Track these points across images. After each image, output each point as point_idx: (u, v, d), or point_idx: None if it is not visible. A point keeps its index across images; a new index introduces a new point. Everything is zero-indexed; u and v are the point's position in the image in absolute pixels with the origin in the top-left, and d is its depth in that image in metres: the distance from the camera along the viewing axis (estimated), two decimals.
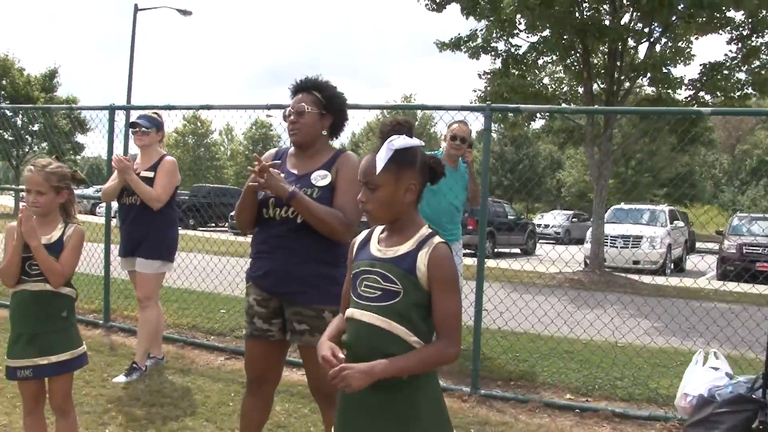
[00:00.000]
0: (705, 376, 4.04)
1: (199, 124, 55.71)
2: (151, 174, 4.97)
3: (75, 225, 3.19)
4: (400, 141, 2.10)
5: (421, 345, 2.03)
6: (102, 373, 4.99)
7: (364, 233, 2.27)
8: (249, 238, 3.27)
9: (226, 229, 24.26)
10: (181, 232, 5.63)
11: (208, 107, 6.36)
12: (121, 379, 4.85)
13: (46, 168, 3.12)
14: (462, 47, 14.73)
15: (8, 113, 27.36)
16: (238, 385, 4.93)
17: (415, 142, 2.13)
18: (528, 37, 14.50)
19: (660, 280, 12.57)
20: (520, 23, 14.01)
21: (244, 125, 57.70)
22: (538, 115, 15.71)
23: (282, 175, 2.96)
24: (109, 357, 5.55)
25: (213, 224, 25.82)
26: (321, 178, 3.03)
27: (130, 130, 5.28)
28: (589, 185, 32.87)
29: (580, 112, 13.65)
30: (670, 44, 13.71)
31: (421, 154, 2.16)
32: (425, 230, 2.12)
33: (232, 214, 18.11)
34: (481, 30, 14.58)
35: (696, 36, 13.59)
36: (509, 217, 22.50)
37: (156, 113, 5.33)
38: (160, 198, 4.93)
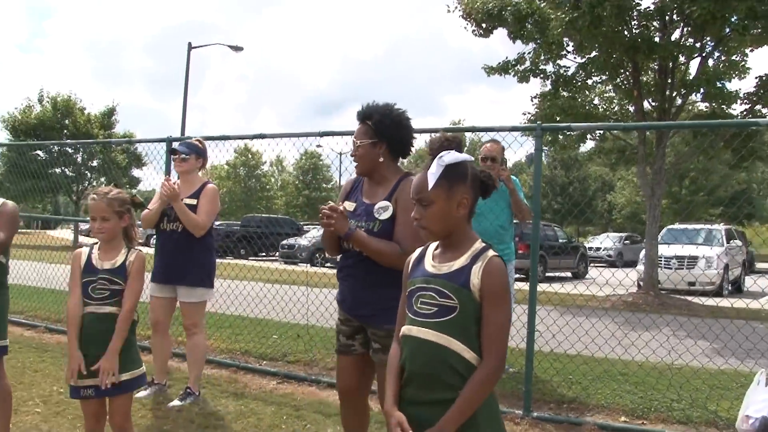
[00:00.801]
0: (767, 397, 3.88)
1: (249, 155, 56.76)
2: (193, 201, 4.99)
3: (137, 251, 3.30)
4: (450, 156, 2.13)
5: (477, 360, 2.03)
6: (157, 397, 5.07)
7: (418, 251, 2.29)
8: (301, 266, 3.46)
9: (277, 258, 24.58)
10: (233, 261, 5.70)
11: (262, 136, 6.46)
12: (176, 403, 4.91)
13: (108, 195, 3.23)
14: (510, 71, 14.73)
15: (70, 150, 28.50)
16: (290, 408, 4.95)
17: (464, 156, 2.17)
18: (576, 58, 14.45)
19: (717, 300, 12.18)
20: (567, 45, 13.97)
21: (294, 156, 58.51)
22: (589, 136, 15.54)
23: (350, 206, 3.25)
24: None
25: (264, 254, 26.14)
26: (383, 211, 3.16)
27: (172, 156, 5.35)
28: (641, 206, 32.26)
29: (630, 128, 13.49)
30: (723, 58, 13.45)
31: (472, 169, 2.18)
32: (479, 244, 2.15)
33: (284, 243, 18.29)
34: (529, 53, 14.58)
35: (751, 48, 13.30)
36: (560, 240, 22.21)
37: (198, 140, 5.37)
38: (206, 225, 4.96)
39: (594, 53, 13.70)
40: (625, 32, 12.84)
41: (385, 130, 3.20)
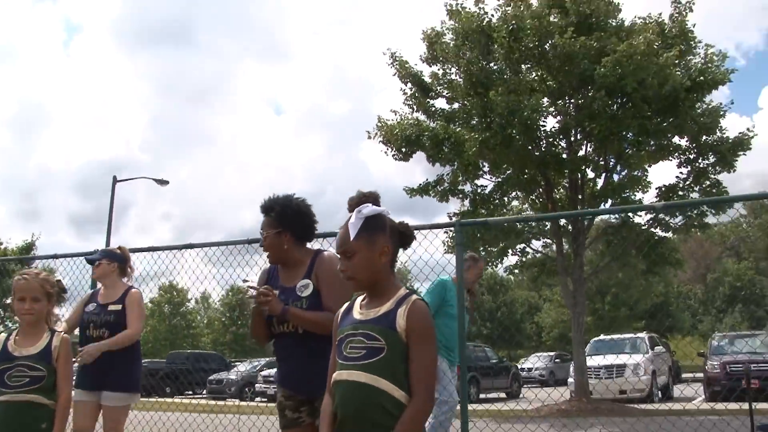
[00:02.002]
0: None
1: (174, 293, 55.45)
2: (118, 306, 4.87)
3: (61, 334, 3.25)
4: (368, 209, 2.28)
5: (407, 398, 2.10)
6: None
7: (346, 305, 2.38)
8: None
9: (204, 396, 23.49)
10: (159, 400, 5.55)
11: (191, 246, 6.51)
12: None
13: (40, 275, 3.23)
14: (431, 192, 15.37)
15: None
16: None
17: (381, 209, 2.31)
18: (492, 177, 15.26)
19: (648, 406, 12.37)
20: (483, 165, 14.79)
21: (218, 294, 57.43)
22: (510, 251, 16.09)
23: (275, 292, 3.25)
24: None
25: (190, 392, 24.95)
26: (305, 288, 3.30)
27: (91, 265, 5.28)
28: (567, 325, 32.92)
29: (545, 219, 14.14)
30: (624, 173, 14.51)
31: (390, 220, 2.33)
32: (403, 291, 2.26)
33: (211, 378, 17.61)
34: (447, 174, 15.31)
35: (649, 164, 14.44)
36: (491, 361, 22.26)
37: (119, 248, 5.34)
38: (139, 333, 4.87)
39: (508, 172, 14.54)
40: (535, 151, 13.77)
41: (286, 219, 3.40)
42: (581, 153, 14.27)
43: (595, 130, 12.36)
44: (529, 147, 13.54)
